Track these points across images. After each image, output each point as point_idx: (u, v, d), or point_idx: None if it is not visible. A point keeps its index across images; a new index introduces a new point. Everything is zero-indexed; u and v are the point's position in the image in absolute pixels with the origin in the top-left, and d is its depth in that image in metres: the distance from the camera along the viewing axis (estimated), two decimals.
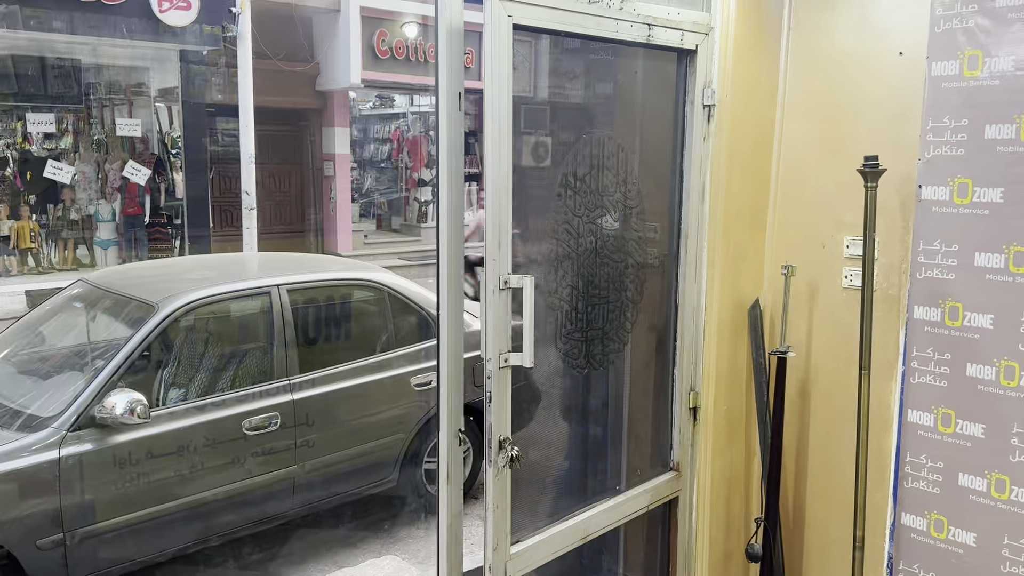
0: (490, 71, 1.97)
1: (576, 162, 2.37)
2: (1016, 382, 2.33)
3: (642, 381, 2.85)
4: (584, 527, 2.45)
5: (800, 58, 2.84)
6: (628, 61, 2.65)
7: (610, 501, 2.55)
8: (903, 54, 2.57)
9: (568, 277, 2.43)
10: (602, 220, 2.48)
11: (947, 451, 2.47)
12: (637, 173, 2.61)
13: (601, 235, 2.50)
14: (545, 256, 2.38)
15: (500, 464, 2.05)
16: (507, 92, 1.98)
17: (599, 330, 2.54)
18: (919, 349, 2.50)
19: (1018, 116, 2.28)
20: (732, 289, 2.86)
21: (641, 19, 2.38)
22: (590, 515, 2.47)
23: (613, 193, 2.51)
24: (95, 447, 3.55)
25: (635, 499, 2.61)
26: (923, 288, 2.48)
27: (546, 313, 2.37)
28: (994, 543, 2.40)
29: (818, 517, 2.91)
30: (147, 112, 12.14)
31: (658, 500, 2.70)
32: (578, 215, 2.42)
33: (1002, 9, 2.31)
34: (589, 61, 2.61)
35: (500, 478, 2.08)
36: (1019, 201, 2.29)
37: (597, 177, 2.44)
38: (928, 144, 2.44)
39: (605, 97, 2.70)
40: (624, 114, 2.78)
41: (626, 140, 2.63)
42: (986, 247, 2.36)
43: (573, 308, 2.46)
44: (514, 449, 2.07)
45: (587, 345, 2.51)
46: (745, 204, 2.86)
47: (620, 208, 2.54)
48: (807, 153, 2.84)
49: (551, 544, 2.34)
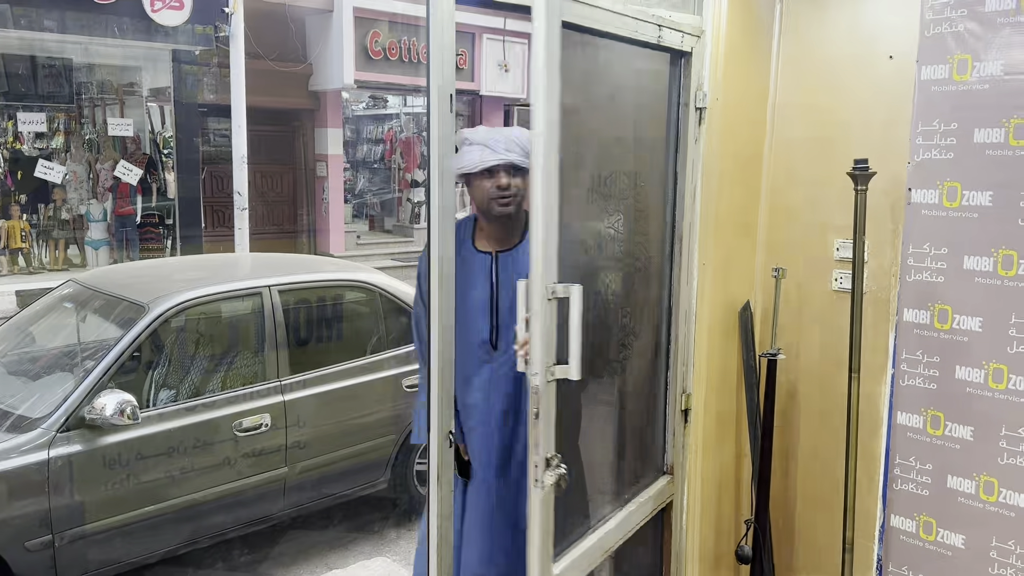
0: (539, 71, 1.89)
1: (598, 165, 2.36)
2: (1004, 385, 2.34)
3: (640, 385, 2.83)
4: (603, 543, 2.37)
5: (791, 61, 2.86)
6: (628, 62, 2.64)
7: (622, 512, 2.49)
8: (893, 58, 2.59)
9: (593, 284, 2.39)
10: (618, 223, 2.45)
11: (936, 453, 2.48)
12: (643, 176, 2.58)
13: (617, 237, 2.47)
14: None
15: (547, 482, 1.95)
16: (556, 94, 1.92)
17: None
18: (909, 351, 2.51)
19: (1006, 120, 2.29)
20: (723, 291, 2.87)
21: (654, 20, 2.39)
22: (608, 529, 2.40)
23: (627, 197, 2.49)
24: (85, 448, 3.54)
25: (642, 507, 2.57)
26: (913, 291, 2.49)
27: None
28: (982, 545, 2.41)
29: (808, 519, 2.92)
30: (139, 112, 12.13)
31: (660, 505, 2.69)
32: (599, 218, 2.40)
33: (991, 14, 2.32)
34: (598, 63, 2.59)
35: (547, 499, 1.98)
36: (1007, 205, 2.30)
37: (616, 181, 2.43)
38: (918, 147, 2.46)
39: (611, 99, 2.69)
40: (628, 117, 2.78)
41: (633, 143, 2.61)
42: (975, 250, 2.37)
43: None
44: (561, 467, 1.95)
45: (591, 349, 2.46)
46: (736, 206, 2.87)
47: (631, 211, 2.52)
48: (797, 156, 2.85)
49: (581, 566, 2.24)
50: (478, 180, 2.47)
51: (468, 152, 2.45)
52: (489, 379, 2.52)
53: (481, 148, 2.42)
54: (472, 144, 2.45)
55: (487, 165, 2.43)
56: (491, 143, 2.42)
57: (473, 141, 2.46)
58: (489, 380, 2.52)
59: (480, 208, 2.52)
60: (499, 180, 2.44)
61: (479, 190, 2.48)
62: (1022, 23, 2.26)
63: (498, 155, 2.41)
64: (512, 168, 2.44)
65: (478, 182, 2.47)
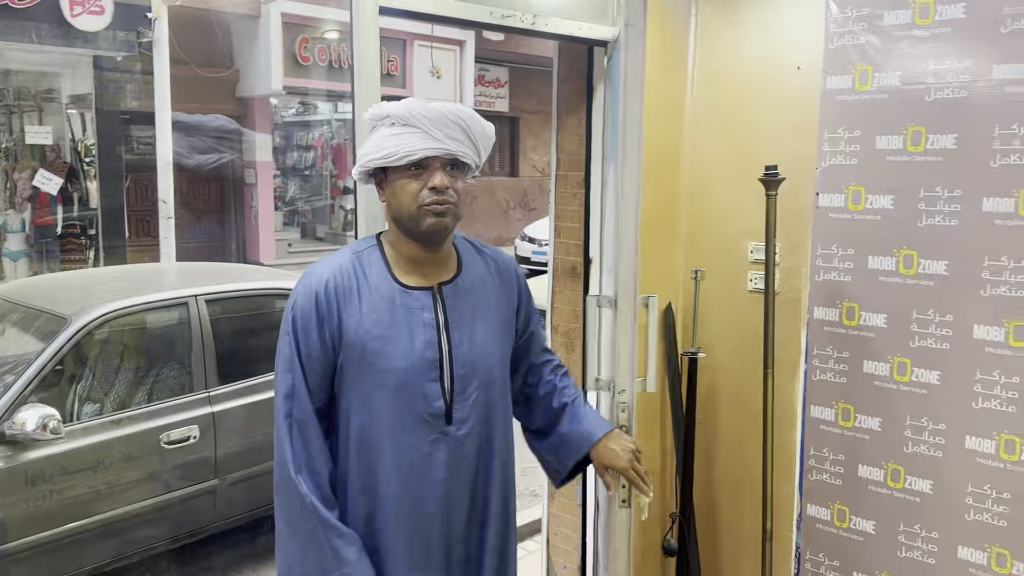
0: None
1: None
2: (908, 377, 2.48)
3: None
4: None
5: (705, 73, 2.97)
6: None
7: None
8: (801, 69, 2.72)
9: None
10: None
11: (847, 444, 2.61)
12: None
13: None
14: None
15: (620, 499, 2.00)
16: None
17: None
18: (819, 348, 2.64)
19: (904, 128, 2.43)
20: (647, 293, 2.95)
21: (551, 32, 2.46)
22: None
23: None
24: (5, 464, 3.45)
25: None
26: (822, 290, 2.62)
27: None
28: (891, 530, 2.55)
29: (730, 511, 3.03)
30: (59, 119, 11.74)
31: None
32: None
33: (889, 27, 2.46)
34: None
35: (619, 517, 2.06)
36: (907, 207, 2.44)
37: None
38: (824, 154, 2.59)
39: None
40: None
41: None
42: (878, 251, 2.51)
43: None
44: None
45: None
46: (656, 211, 2.96)
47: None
48: (714, 163, 2.97)
49: None
50: (401, 178, 1.73)
51: (391, 135, 1.71)
52: (446, 462, 1.79)
53: (412, 131, 1.70)
54: (397, 124, 1.72)
55: (419, 156, 1.71)
56: (426, 124, 1.70)
57: (399, 119, 1.71)
58: (446, 463, 1.79)
59: (400, 218, 1.76)
60: (434, 178, 1.71)
61: (403, 192, 1.73)
62: (917, 36, 2.41)
63: (437, 143, 1.70)
64: (453, 163, 1.75)
65: (401, 181, 1.73)
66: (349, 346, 1.74)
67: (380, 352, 1.73)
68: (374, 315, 1.74)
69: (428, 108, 1.71)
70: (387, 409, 1.75)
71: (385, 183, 1.78)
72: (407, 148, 1.69)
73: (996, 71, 2.28)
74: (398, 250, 1.80)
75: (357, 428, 1.77)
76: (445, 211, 1.73)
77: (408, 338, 1.74)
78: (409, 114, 1.70)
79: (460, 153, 1.73)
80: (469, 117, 1.74)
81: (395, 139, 1.70)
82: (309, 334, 1.75)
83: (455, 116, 1.72)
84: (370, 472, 1.77)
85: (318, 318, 1.74)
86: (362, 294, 1.75)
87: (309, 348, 1.75)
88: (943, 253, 2.39)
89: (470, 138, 1.74)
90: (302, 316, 1.75)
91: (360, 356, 1.74)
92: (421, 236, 1.76)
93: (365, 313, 1.74)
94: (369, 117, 1.77)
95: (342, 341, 1.74)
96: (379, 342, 1.73)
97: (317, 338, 1.75)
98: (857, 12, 2.51)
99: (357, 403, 1.76)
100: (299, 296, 1.77)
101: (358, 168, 1.79)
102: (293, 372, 1.76)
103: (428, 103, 1.72)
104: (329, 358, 1.76)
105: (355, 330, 1.74)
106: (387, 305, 1.75)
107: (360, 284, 1.75)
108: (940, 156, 2.37)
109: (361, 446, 1.77)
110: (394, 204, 1.76)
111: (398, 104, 1.73)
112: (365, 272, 1.77)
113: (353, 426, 1.77)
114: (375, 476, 1.77)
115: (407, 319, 1.75)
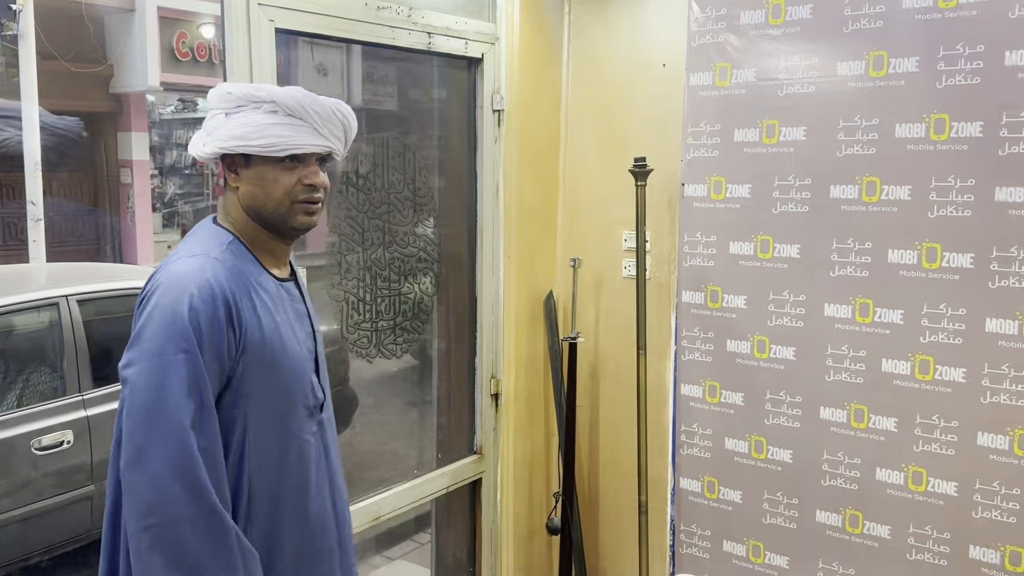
0: None
1: (358, 161, 2.48)
2: (767, 354, 2.65)
3: (447, 371, 2.98)
4: (376, 508, 2.56)
5: (580, 68, 3.09)
6: (425, 68, 2.79)
7: (405, 484, 2.67)
8: (666, 65, 2.87)
9: (354, 270, 2.54)
10: (390, 216, 2.60)
11: (715, 419, 2.77)
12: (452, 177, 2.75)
13: (390, 230, 2.61)
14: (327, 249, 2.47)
15: None
16: None
17: (390, 321, 2.65)
18: (688, 329, 2.79)
19: (760, 121, 2.61)
20: (528, 282, 3.05)
21: (421, 28, 2.52)
22: (382, 497, 2.58)
23: (401, 191, 2.63)
24: None
25: (432, 481, 2.75)
26: (689, 275, 2.77)
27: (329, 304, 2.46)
28: (756, 498, 2.72)
29: (610, 488, 3.16)
30: None
31: (459, 482, 2.84)
32: (362, 211, 2.53)
33: (745, 27, 2.63)
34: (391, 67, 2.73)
35: None
36: (762, 196, 2.62)
37: (382, 175, 2.56)
38: (689, 147, 2.74)
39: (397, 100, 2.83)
40: (417, 117, 2.92)
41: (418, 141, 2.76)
42: (738, 237, 2.67)
43: (360, 300, 2.56)
44: None
45: (377, 335, 2.62)
46: (537, 202, 3.07)
47: (410, 205, 2.67)
48: (589, 155, 3.09)
49: None
50: (272, 169, 1.62)
51: (273, 124, 1.60)
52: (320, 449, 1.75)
53: (299, 125, 1.61)
54: (281, 113, 1.61)
55: (303, 150, 1.63)
56: (316, 120, 1.63)
57: (286, 108, 1.61)
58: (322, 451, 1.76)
59: (263, 210, 1.65)
60: (314, 175, 1.66)
61: (273, 185, 1.63)
62: (770, 35, 2.58)
63: (324, 141, 1.65)
64: (326, 158, 1.71)
65: (272, 172, 1.62)
66: (252, 351, 1.59)
67: (280, 350, 1.63)
68: (268, 313, 1.63)
69: (319, 103, 1.64)
70: (283, 408, 1.66)
71: (241, 168, 1.64)
72: (294, 142, 1.61)
73: (840, 68, 2.47)
74: (258, 242, 1.68)
75: (254, 436, 1.61)
76: (317, 209, 1.68)
77: (292, 332, 1.68)
78: (300, 106, 1.61)
79: (338, 151, 1.70)
80: (351, 115, 1.70)
81: (279, 129, 1.60)
82: (216, 347, 1.54)
83: (341, 115, 1.67)
84: (275, 481, 1.64)
85: (225, 325, 1.55)
86: (252, 293, 1.61)
87: (211, 363, 1.53)
88: (795, 237, 2.57)
89: (347, 136, 1.71)
90: (208, 326, 1.52)
91: (259, 359, 1.60)
92: (286, 231, 1.68)
93: (261, 312, 1.61)
94: (242, 95, 1.61)
95: (244, 348, 1.58)
96: (277, 340, 1.63)
97: (225, 351, 1.55)
98: (716, 12, 2.67)
99: (254, 410, 1.60)
100: (194, 303, 1.52)
101: (217, 148, 1.61)
102: (196, 395, 1.50)
103: (316, 96, 1.64)
104: (224, 371, 1.56)
105: (255, 332, 1.59)
106: (273, 301, 1.66)
107: (249, 282, 1.62)
108: (792, 147, 2.56)
109: (260, 458, 1.61)
110: (257, 195, 1.64)
111: (285, 92, 1.62)
112: (242, 269, 1.62)
113: (249, 438, 1.60)
114: (281, 485, 1.64)
115: (288, 312, 1.69)
